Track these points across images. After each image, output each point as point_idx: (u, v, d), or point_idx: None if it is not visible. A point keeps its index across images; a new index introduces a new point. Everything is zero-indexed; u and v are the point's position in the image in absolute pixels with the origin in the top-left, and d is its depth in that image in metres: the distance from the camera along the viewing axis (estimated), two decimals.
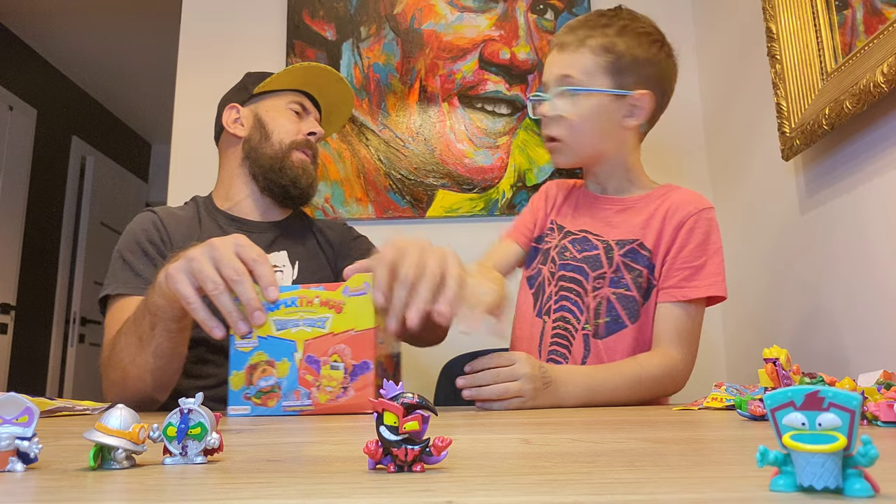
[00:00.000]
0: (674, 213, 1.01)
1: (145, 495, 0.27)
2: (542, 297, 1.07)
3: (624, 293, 1.00)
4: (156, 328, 0.80)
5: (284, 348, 0.74)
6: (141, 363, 0.82)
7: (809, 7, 1.13)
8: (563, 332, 1.02)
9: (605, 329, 0.99)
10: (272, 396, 0.73)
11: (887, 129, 0.97)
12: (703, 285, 0.97)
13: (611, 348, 0.99)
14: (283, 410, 0.73)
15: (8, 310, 3.40)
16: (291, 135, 1.13)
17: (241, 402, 0.74)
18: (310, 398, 0.73)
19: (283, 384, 0.74)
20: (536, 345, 1.05)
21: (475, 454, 0.38)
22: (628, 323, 0.99)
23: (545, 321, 1.05)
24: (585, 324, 1.00)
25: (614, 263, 1.01)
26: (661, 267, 1.00)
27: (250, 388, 0.74)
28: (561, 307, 1.03)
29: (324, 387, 0.73)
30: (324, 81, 1.19)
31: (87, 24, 3.49)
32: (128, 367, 0.84)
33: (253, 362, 0.74)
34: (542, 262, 1.09)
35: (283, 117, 1.15)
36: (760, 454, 0.25)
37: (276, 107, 1.16)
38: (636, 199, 1.07)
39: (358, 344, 0.74)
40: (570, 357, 1.00)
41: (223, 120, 1.17)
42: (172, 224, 1.09)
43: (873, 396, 0.53)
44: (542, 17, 1.72)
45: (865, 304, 1.04)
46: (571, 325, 1.02)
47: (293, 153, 1.13)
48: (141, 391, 0.85)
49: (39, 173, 3.71)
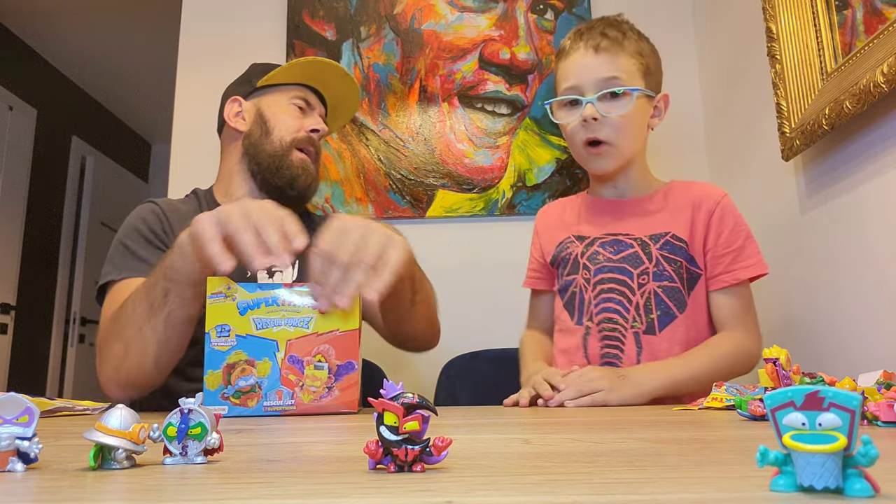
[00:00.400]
0: (700, 203, 1.06)
1: (145, 495, 0.27)
2: (579, 305, 1.08)
3: (669, 285, 1.03)
4: (169, 294, 0.78)
5: (265, 348, 0.73)
6: (148, 332, 0.81)
7: (809, 7, 1.13)
8: (611, 335, 1.04)
9: (659, 323, 1.02)
10: (252, 396, 0.72)
11: (887, 129, 0.97)
12: (747, 265, 1.03)
13: (665, 341, 1.01)
14: (263, 411, 0.72)
15: (8, 310, 3.40)
16: (293, 131, 1.10)
17: (218, 402, 0.72)
18: (292, 398, 0.73)
19: (263, 384, 0.72)
20: (581, 352, 1.05)
21: (475, 454, 0.38)
22: (678, 314, 1.03)
23: (588, 326, 1.06)
24: (634, 322, 1.02)
25: (653, 258, 1.04)
26: (704, 257, 1.04)
27: (228, 388, 0.72)
28: (604, 309, 1.05)
29: (307, 387, 0.73)
30: (329, 76, 1.16)
31: (87, 24, 3.49)
32: (133, 336, 0.82)
33: (231, 361, 0.73)
34: (574, 272, 1.10)
35: (286, 113, 1.12)
36: (760, 454, 0.25)
37: (279, 102, 1.13)
38: (653, 195, 1.11)
39: (342, 344, 0.74)
40: (623, 356, 1.02)
41: (225, 112, 1.14)
42: (174, 215, 1.07)
43: (873, 396, 0.53)
44: (542, 17, 1.72)
45: (865, 304, 1.04)
46: (619, 325, 1.03)
47: (293, 152, 1.10)
48: (140, 366, 0.83)
49: (39, 173, 3.70)
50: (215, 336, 0.73)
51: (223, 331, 0.73)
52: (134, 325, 0.82)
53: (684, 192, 1.09)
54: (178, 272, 0.77)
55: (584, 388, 0.88)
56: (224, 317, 0.73)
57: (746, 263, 1.03)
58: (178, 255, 0.77)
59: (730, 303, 1.03)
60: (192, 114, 1.77)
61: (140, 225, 1.03)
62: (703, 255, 1.05)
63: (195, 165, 1.68)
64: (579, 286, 1.08)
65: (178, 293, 0.78)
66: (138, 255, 0.99)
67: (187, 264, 0.76)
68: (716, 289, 1.04)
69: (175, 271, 0.77)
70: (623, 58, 1.04)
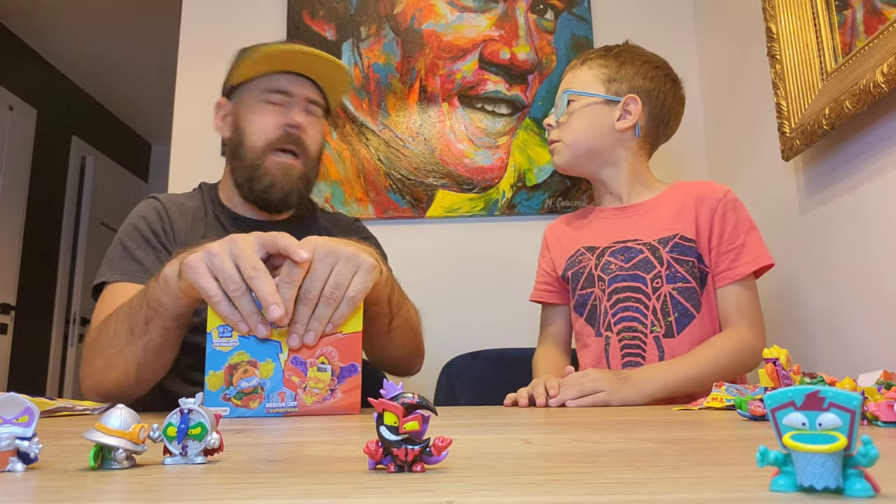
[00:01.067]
0: (702, 201, 1.08)
1: (145, 495, 0.27)
2: (597, 317, 1.09)
3: (683, 286, 1.04)
4: (151, 323, 0.76)
5: (268, 349, 0.72)
6: (128, 354, 0.79)
7: (809, 7, 1.13)
8: (631, 342, 1.05)
9: (678, 325, 1.03)
10: (254, 398, 0.71)
11: (887, 129, 0.97)
12: (749, 260, 1.04)
13: (685, 342, 1.02)
14: (266, 412, 0.71)
15: (8, 310, 3.39)
16: (266, 133, 1.02)
17: (220, 403, 0.71)
18: (295, 400, 0.72)
19: (266, 385, 0.71)
20: (604, 363, 1.07)
21: (475, 454, 0.38)
22: (695, 313, 1.04)
23: (608, 336, 1.07)
24: (654, 326, 1.04)
25: (664, 261, 1.05)
26: (709, 254, 1.06)
27: (230, 389, 0.71)
28: (622, 318, 1.06)
29: (310, 388, 0.72)
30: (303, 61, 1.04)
31: (87, 24, 3.49)
32: (113, 356, 0.80)
33: (233, 362, 0.71)
34: (590, 286, 1.11)
35: (256, 113, 1.03)
36: (760, 454, 0.25)
37: (250, 101, 1.04)
38: (656, 199, 1.13)
39: (345, 347, 0.74)
40: (645, 363, 1.03)
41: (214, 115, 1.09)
42: (176, 212, 1.05)
43: (873, 396, 0.53)
44: (542, 17, 1.72)
45: (865, 305, 1.04)
46: (640, 331, 1.04)
47: (268, 157, 1.02)
48: (121, 382, 0.82)
49: (39, 173, 3.70)
50: (217, 336, 0.72)
51: (225, 331, 0.71)
52: (115, 345, 0.80)
53: (688, 192, 1.11)
54: (161, 304, 0.75)
55: (585, 388, 0.88)
56: None
57: (749, 258, 1.04)
58: (163, 289, 0.74)
59: (734, 298, 1.04)
60: (192, 114, 1.77)
61: (140, 224, 1.01)
62: (709, 253, 1.06)
63: (195, 165, 1.68)
64: (597, 298, 1.10)
65: (161, 324, 0.76)
66: (135, 256, 0.97)
67: (172, 298, 0.74)
68: (721, 285, 1.05)
69: (159, 303, 0.75)
70: (581, 71, 1.17)
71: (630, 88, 1.13)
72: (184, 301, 0.74)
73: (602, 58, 1.16)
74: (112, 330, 0.81)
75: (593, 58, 1.17)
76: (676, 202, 1.10)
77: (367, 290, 0.74)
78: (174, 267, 0.73)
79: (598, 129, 1.13)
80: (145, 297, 0.77)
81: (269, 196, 1.04)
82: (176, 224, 1.03)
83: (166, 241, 1.01)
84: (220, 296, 0.69)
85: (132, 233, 1.00)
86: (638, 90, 1.13)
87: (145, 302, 0.77)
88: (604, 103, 1.14)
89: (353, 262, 0.73)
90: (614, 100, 1.13)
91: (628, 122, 1.12)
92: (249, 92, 1.05)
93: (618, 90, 1.13)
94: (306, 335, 0.72)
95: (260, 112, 1.03)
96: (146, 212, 1.04)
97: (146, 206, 1.05)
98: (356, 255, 0.74)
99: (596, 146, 1.14)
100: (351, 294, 0.72)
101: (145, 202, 1.07)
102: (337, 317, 0.73)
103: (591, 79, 1.15)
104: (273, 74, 1.04)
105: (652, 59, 1.17)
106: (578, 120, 1.14)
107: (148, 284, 0.78)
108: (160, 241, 1.01)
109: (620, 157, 1.15)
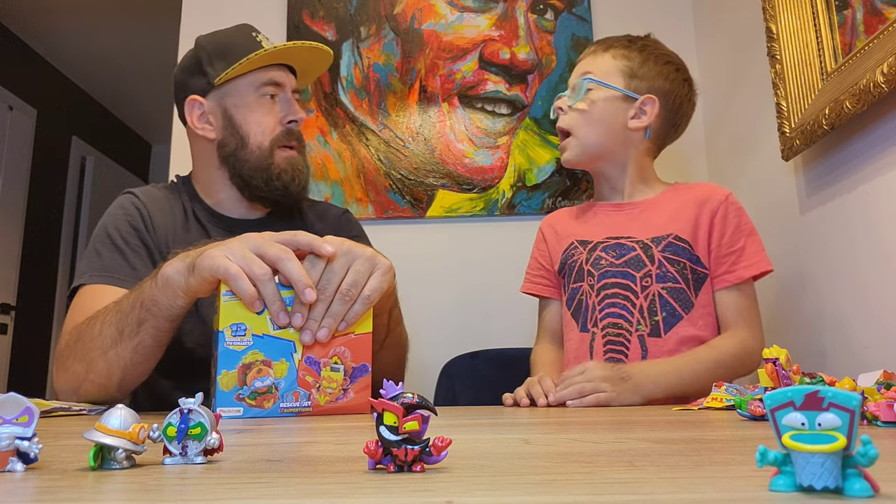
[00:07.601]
0: (703, 203, 1.08)
1: (145, 495, 0.27)
2: (584, 312, 1.09)
3: (673, 286, 1.04)
4: (144, 324, 0.75)
5: (282, 348, 0.71)
6: (113, 357, 0.77)
7: (809, 7, 1.13)
8: (615, 339, 1.04)
9: (665, 324, 1.03)
10: (268, 398, 0.71)
11: (887, 129, 0.97)
12: (749, 264, 1.04)
13: (670, 343, 1.02)
14: (280, 412, 0.71)
15: (8, 310, 3.40)
16: (270, 131, 1.01)
17: (233, 403, 0.70)
18: (309, 400, 0.72)
19: (280, 385, 0.71)
20: (587, 359, 1.06)
21: (475, 454, 0.38)
22: (683, 314, 1.03)
23: (593, 332, 1.07)
24: (639, 325, 1.03)
25: (656, 260, 1.05)
26: (708, 257, 1.06)
27: (244, 389, 0.70)
28: (608, 315, 1.06)
29: (324, 388, 0.73)
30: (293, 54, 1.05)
31: (87, 24, 3.49)
32: (96, 359, 0.78)
33: (247, 362, 0.70)
34: (580, 280, 1.11)
35: (256, 111, 1.01)
36: (760, 454, 0.25)
37: (245, 97, 1.02)
38: (656, 198, 1.13)
39: (357, 347, 0.74)
40: (627, 361, 1.02)
41: (187, 118, 1.03)
42: (155, 208, 1.01)
43: (873, 396, 0.53)
44: (542, 17, 1.72)
45: (865, 304, 1.04)
46: (624, 329, 1.04)
47: (276, 154, 1.02)
48: (102, 386, 0.80)
49: (39, 173, 3.70)
50: (230, 335, 0.70)
51: (239, 329, 0.70)
52: (98, 348, 0.78)
53: (688, 193, 1.11)
54: (157, 305, 0.73)
55: (586, 389, 0.87)
56: (240, 315, 0.70)
57: (749, 262, 1.04)
58: (161, 289, 0.73)
59: (733, 302, 1.04)
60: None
61: (120, 223, 0.98)
62: (708, 255, 1.06)
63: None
64: (585, 293, 1.09)
65: (154, 325, 0.75)
66: (112, 258, 0.94)
67: (170, 298, 0.73)
68: (720, 288, 1.05)
69: (155, 304, 0.73)
70: (603, 59, 1.13)
71: (650, 88, 1.11)
72: (182, 301, 0.73)
73: (626, 48, 1.13)
74: (96, 331, 0.79)
75: (617, 47, 1.14)
76: (675, 203, 1.10)
77: (383, 290, 0.74)
78: (176, 266, 0.72)
79: (611, 127, 1.12)
80: (139, 298, 0.75)
81: (290, 190, 1.03)
82: (155, 220, 1.00)
83: (146, 236, 0.98)
84: (240, 273, 0.68)
85: (111, 233, 0.97)
86: (657, 91, 1.11)
87: (139, 303, 0.75)
88: (622, 99, 1.11)
89: (371, 262, 0.74)
90: (633, 96, 1.11)
91: (642, 122, 1.11)
92: (241, 86, 1.02)
93: (637, 87, 1.11)
94: (319, 331, 0.72)
95: (258, 109, 1.02)
96: (125, 209, 1.00)
97: (124, 202, 1.02)
98: (374, 256, 0.74)
99: (607, 144, 1.13)
100: (367, 293, 0.73)
101: (122, 198, 1.03)
102: (351, 315, 0.73)
103: (613, 69, 1.12)
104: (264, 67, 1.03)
105: (674, 59, 1.16)
106: (595, 116, 1.11)
107: (141, 285, 0.77)
108: (142, 238, 0.98)
109: (628, 156, 1.14)
